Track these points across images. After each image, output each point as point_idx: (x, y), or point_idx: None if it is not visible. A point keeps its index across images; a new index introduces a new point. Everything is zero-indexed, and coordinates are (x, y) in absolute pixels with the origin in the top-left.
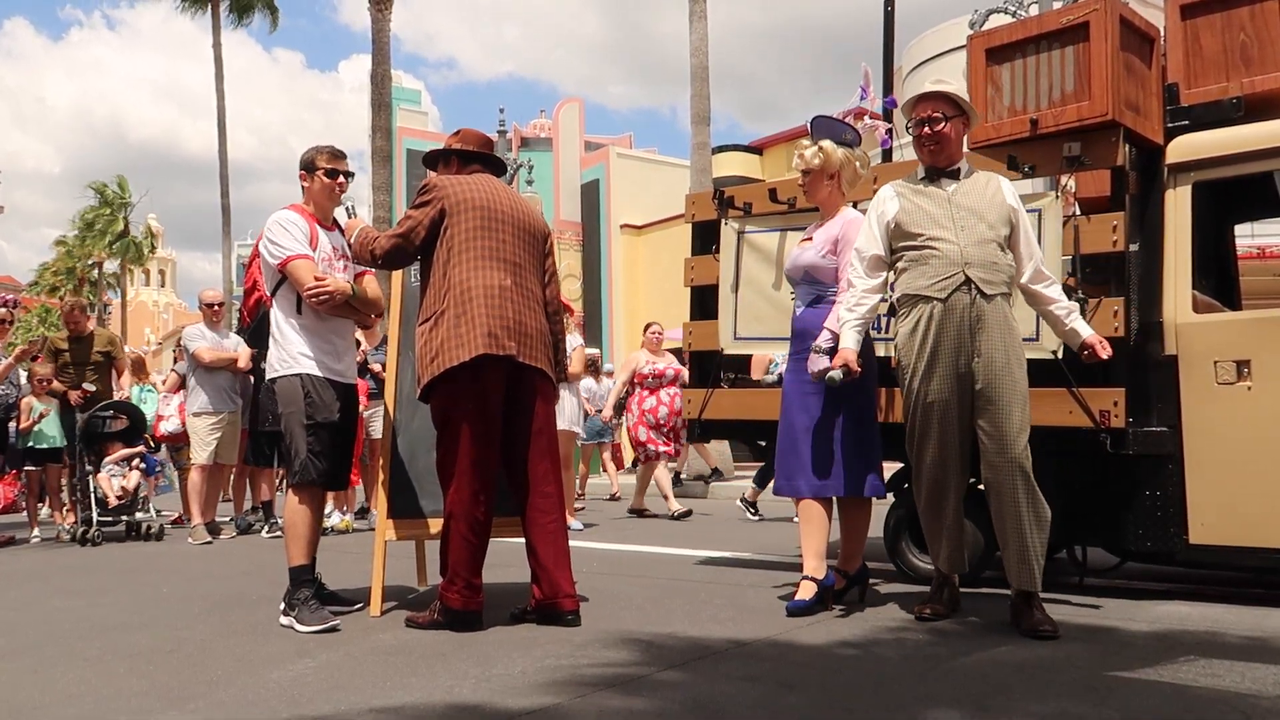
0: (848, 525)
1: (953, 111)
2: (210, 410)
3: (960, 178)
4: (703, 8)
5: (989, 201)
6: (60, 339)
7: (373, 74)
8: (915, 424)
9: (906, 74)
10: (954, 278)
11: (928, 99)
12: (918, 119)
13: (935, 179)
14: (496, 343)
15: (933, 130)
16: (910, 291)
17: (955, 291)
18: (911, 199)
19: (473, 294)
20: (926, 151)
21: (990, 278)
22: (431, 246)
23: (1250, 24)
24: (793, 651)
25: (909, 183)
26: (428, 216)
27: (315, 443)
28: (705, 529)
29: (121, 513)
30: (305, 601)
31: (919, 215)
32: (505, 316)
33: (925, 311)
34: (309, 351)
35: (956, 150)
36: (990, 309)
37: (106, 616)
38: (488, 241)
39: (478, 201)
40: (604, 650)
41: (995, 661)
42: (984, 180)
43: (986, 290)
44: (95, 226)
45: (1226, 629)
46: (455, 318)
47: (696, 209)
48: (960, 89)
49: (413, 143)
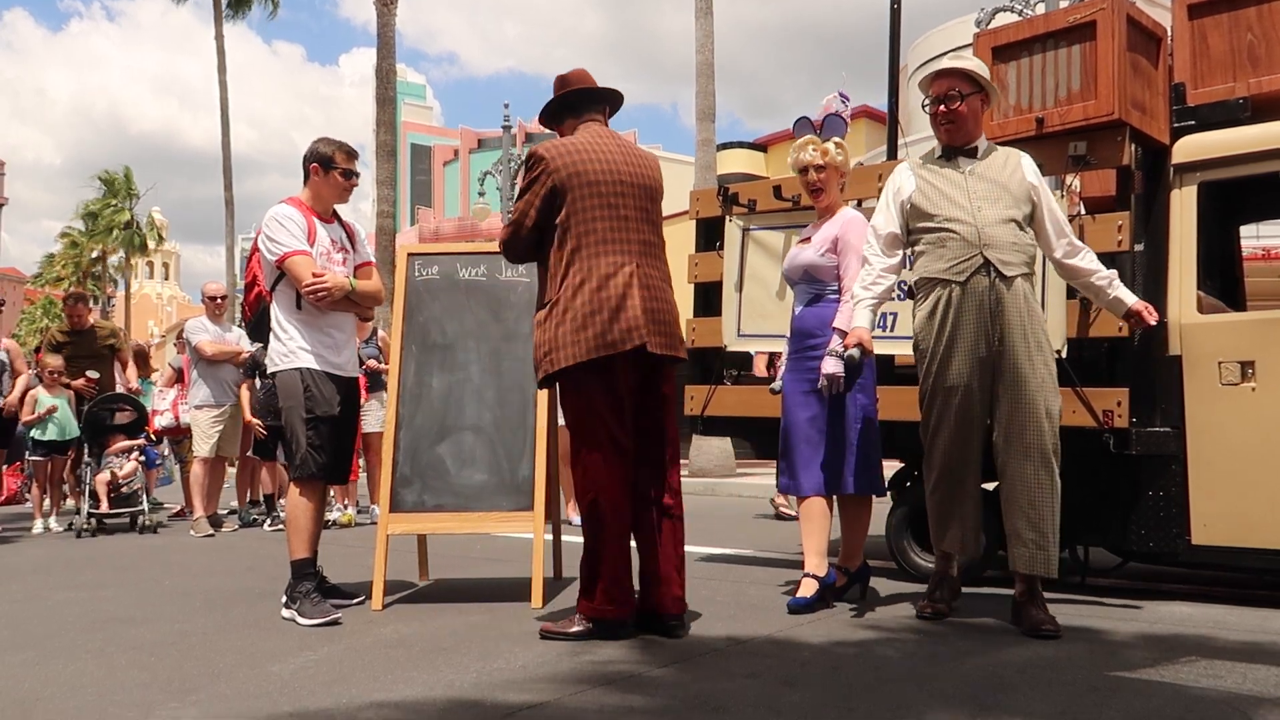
0: (848, 523)
1: (970, 88)
2: (212, 403)
3: (980, 156)
4: (708, 4)
5: (1008, 178)
6: (60, 332)
7: (378, 69)
8: (933, 407)
9: (912, 72)
10: (972, 260)
11: (944, 75)
12: (934, 96)
13: (953, 158)
14: (626, 336)
15: (949, 108)
16: (928, 275)
17: (974, 274)
18: (928, 178)
19: (595, 282)
20: (943, 130)
21: (1009, 259)
22: (550, 226)
23: (1258, 24)
24: (794, 649)
25: (926, 161)
26: (538, 197)
27: (315, 436)
28: (707, 526)
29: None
30: (307, 595)
31: (935, 195)
32: (633, 305)
33: (944, 295)
34: (308, 345)
35: (975, 128)
36: (1010, 292)
37: (109, 609)
38: (608, 221)
39: (593, 172)
40: (604, 645)
41: (997, 661)
42: (1004, 157)
43: (1006, 272)
44: (101, 218)
45: (1228, 630)
46: (577, 309)
47: (701, 206)
48: (978, 65)
49: (417, 137)
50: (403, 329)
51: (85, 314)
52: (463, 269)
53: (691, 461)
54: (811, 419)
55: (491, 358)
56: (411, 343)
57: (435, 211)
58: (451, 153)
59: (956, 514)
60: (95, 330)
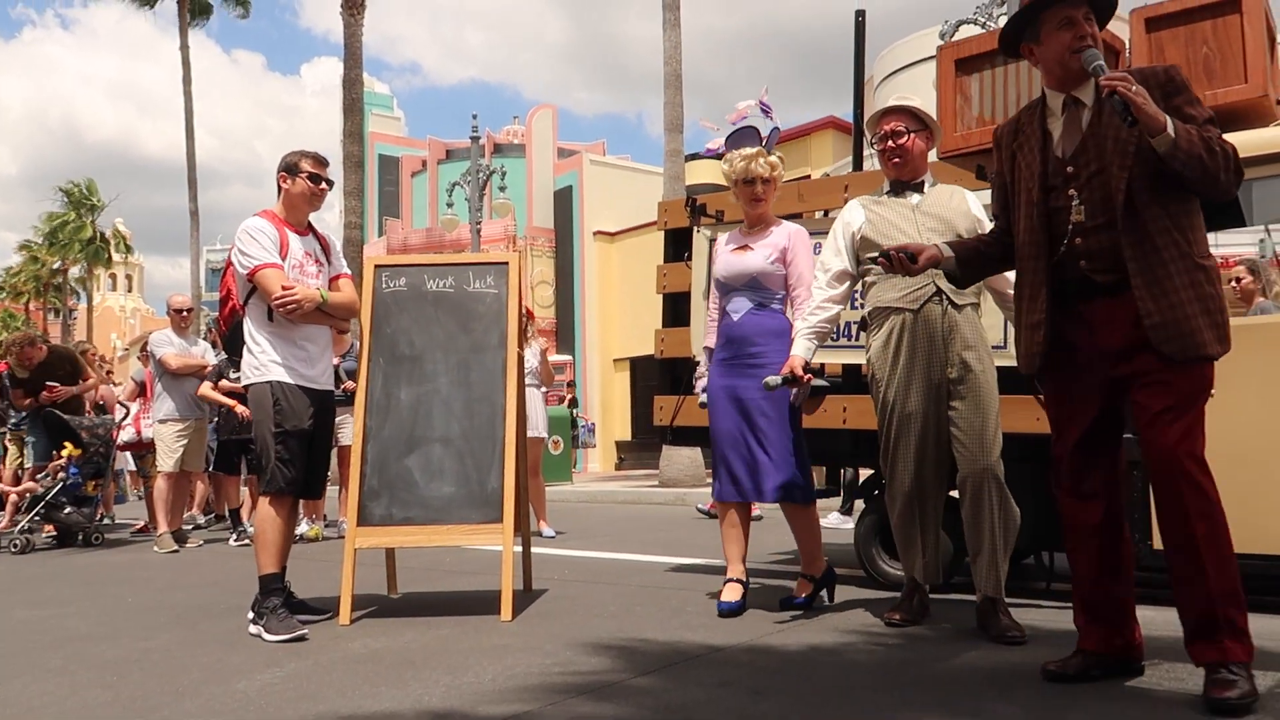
0: (796, 531)
1: (915, 125)
2: (177, 417)
3: (925, 191)
4: (676, 15)
5: (953, 212)
6: (19, 367)
7: (344, 78)
8: (890, 435)
9: (878, 84)
10: (925, 289)
11: (891, 113)
12: (881, 133)
13: (900, 192)
14: None
15: (895, 144)
16: (881, 304)
17: (927, 302)
18: (878, 211)
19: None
20: (891, 165)
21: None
22: None
23: (1213, 38)
24: (765, 657)
25: (874, 196)
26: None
27: (284, 450)
28: (678, 536)
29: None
30: (274, 610)
31: (885, 227)
32: None
33: (897, 323)
34: (279, 358)
35: (920, 163)
36: (962, 318)
37: (71, 627)
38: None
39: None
40: (575, 657)
41: (964, 667)
42: (948, 193)
43: (957, 300)
44: (63, 231)
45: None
46: None
47: (669, 216)
48: (923, 104)
49: (385, 148)
50: (370, 341)
51: (35, 354)
52: (430, 281)
53: (661, 471)
54: (735, 427)
55: (460, 369)
56: (379, 355)
57: (403, 222)
58: (419, 163)
59: (919, 542)
60: (52, 360)
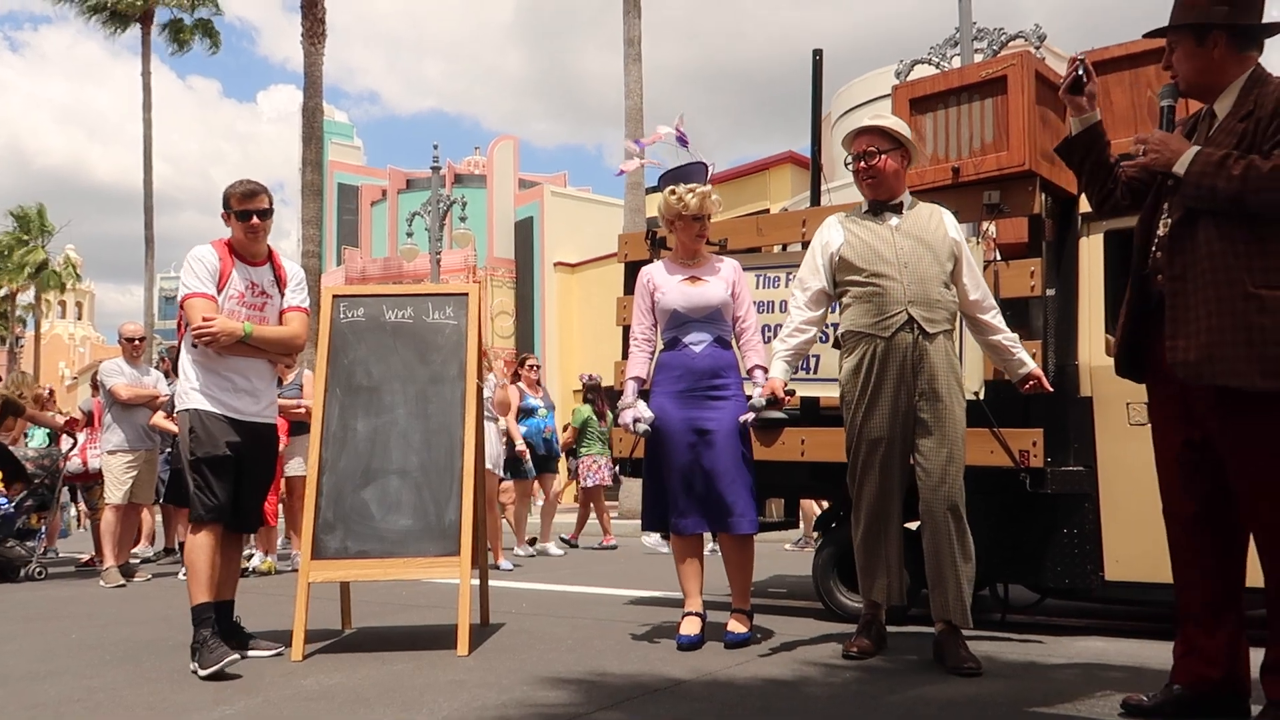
0: (733, 563)
1: (888, 145)
2: (127, 448)
3: (904, 211)
4: (638, 50)
5: (932, 235)
6: None
7: (304, 107)
8: (858, 458)
9: (835, 120)
10: (897, 316)
11: (864, 133)
12: (855, 154)
13: (879, 213)
14: None
15: (869, 164)
16: (854, 329)
17: (899, 331)
18: (856, 232)
19: None
20: (866, 186)
21: (933, 316)
22: None
23: (1157, 82)
24: (725, 691)
25: (853, 216)
26: None
27: (199, 478)
28: (639, 569)
29: None
30: (204, 642)
31: (864, 249)
32: None
33: (869, 350)
34: (199, 386)
35: (897, 183)
36: (932, 348)
37: (11, 665)
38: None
39: None
40: (533, 691)
41: (921, 699)
42: (928, 213)
43: (929, 329)
44: (12, 256)
45: (1143, 664)
46: None
47: (629, 249)
48: (897, 123)
49: (344, 177)
50: (326, 371)
51: None
52: (389, 311)
53: (621, 503)
54: (691, 458)
55: (418, 400)
56: (336, 385)
57: (362, 251)
58: (379, 193)
59: (882, 564)
60: None
